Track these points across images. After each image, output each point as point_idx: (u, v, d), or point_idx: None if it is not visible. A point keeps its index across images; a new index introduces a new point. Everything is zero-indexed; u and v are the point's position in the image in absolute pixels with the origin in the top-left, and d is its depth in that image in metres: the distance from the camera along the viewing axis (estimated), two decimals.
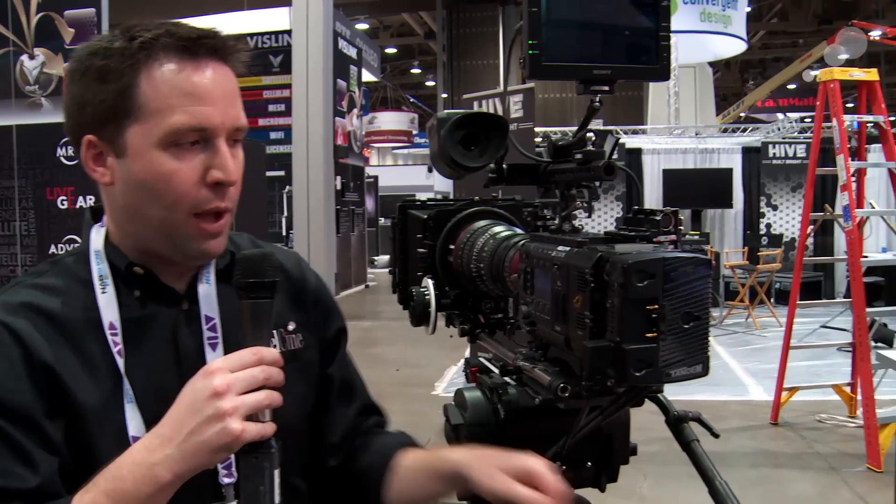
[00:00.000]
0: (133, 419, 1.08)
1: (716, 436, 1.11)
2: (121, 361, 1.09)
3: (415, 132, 27.01)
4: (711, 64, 17.90)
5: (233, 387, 0.95)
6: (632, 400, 0.98)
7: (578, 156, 1.02)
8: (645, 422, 1.26)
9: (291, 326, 1.27)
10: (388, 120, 26.30)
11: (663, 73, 0.99)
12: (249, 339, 1.01)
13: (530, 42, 0.95)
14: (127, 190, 1.10)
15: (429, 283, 1.23)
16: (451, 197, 1.35)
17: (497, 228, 1.19)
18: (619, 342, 0.81)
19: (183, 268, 1.18)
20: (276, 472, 0.98)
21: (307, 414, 1.29)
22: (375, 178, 19.77)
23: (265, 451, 0.97)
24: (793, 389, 5.95)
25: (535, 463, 1.02)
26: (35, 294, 1.11)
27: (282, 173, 12.97)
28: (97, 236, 1.17)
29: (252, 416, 0.96)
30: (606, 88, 0.99)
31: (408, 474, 1.23)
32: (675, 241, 0.97)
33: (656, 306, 0.80)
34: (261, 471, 0.97)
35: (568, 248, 0.91)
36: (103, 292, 1.12)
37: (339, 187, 13.07)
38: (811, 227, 6.15)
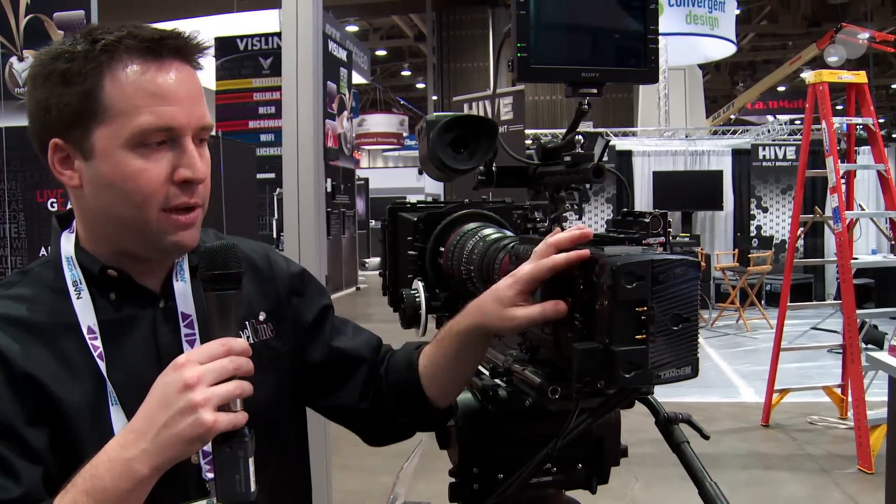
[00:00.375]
0: (118, 420, 1.08)
1: (706, 437, 1.11)
2: (102, 364, 1.09)
3: (405, 134, 26.99)
4: (701, 66, 17.96)
5: (203, 378, 0.96)
6: (622, 402, 0.98)
7: (567, 158, 1.02)
8: (636, 423, 1.26)
9: (262, 316, 1.27)
10: (379, 122, 26.26)
11: (652, 76, 1.00)
12: (217, 330, 1.02)
13: (518, 45, 0.96)
14: (96, 192, 1.10)
15: (419, 285, 1.23)
16: (442, 199, 1.35)
17: (487, 231, 1.19)
18: (609, 344, 0.82)
19: (156, 266, 1.19)
20: (251, 461, 0.99)
21: (283, 401, 1.29)
22: (366, 180, 19.77)
23: (238, 440, 0.99)
24: (784, 391, 5.96)
25: (527, 273, 0.98)
26: (7, 304, 1.11)
27: (272, 175, 12.95)
28: (67, 243, 1.17)
29: (224, 407, 0.97)
30: (595, 91, 0.99)
31: (436, 363, 1.21)
32: (665, 243, 0.97)
33: (645, 308, 0.81)
34: (235, 460, 0.98)
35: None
36: (78, 297, 1.12)
37: (329, 189, 13.07)
38: (801, 229, 6.16)
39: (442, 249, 1.23)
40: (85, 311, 1.11)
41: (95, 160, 1.08)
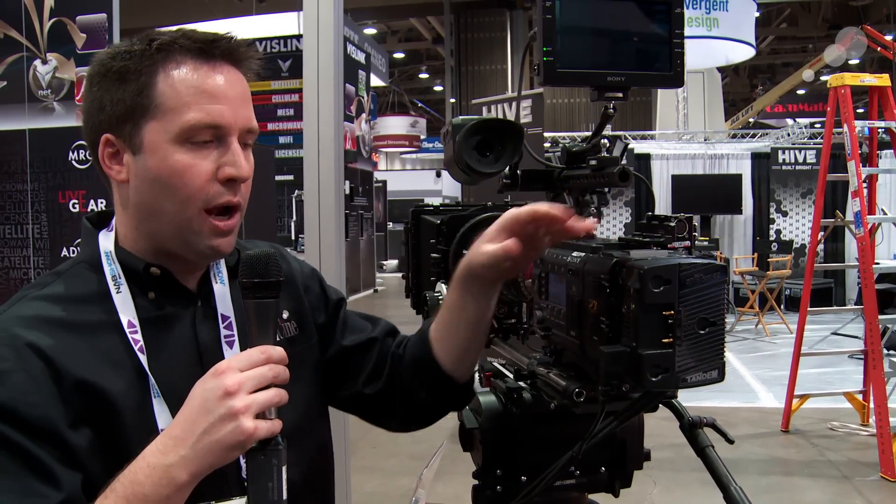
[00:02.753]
0: (161, 414, 1.10)
1: (731, 441, 1.10)
2: (143, 358, 1.10)
3: (423, 137, 27.02)
4: (720, 69, 17.87)
5: (244, 386, 0.97)
6: (647, 405, 0.98)
7: (593, 162, 1.02)
8: (654, 428, 1.26)
9: (285, 315, 1.30)
10: (396, 124, 26.32)
11: (677, 80, 1.00)
12: (255, 337, 1.03)
13: (545, 49, 0.96)
14: (142, 186, 1.13)
15: (442, 287, 1.23)
16: (460, 202, 1.35)
17: None
18: (636, 347, 0.82)
19: (193, 267, 1.21)
20: (284, 469, 1.00)
21: (312, 398, 1.32)
22: (384, 182, 19.79)
23: (273, 448, 0.99)
24: (804, 397, 5.91)
25: (511, 213, 1.05)
26: (44, 305, 1.11)
27: (291, 177, 13.00)
28: (106, 240, 1.19)
29: (260, 414, 0.98)
30: (620, 95, 1.00)
31: (442, 324, 1.23)
32: (689, 247, 0.97)
33: (672, 312, 0.81)
34: (269, 467, 0.99)
35: (583, 254, 0.91)
36: (118, 292, 1.13)
37: (347, 192, 13.10)
38: (822, 233, 6.12)
39: (465, 252, 1.24)
40: (124, 306, 1.13)
41: (144, 154, 1.11)
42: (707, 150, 12.66)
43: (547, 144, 8.25)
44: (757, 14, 14.20)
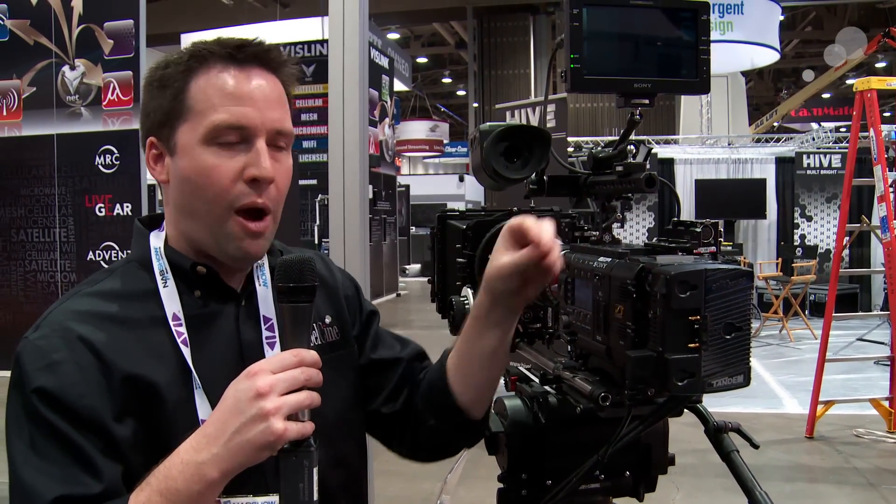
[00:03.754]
0: (202, 406, 1.13)
1: (755, 446, 1.10)
2: (186, 351, 1.14)
3: (445, 141, 27.04)
4: (744, 73, 17.75)
5: (275, 388, 0.99)
6: (672, 409, 0.98)
7: (619, 168, 1.03)
8: (677, 433, 1.25)
9: (328, 319, 1.33)
10: (416, 129, 26.35)
11: (703, 87, 1.00)
12: (289, 341, 1.05)
13: (572, 56, 0.97)
14: (177, 186, 1.19)
15: (468, 292, 1.24)
16: (483, 206, 1.36)
17: None
18: (662, 352, 0.82)
19: (236, 268, 1.24)
20: (315, 470, 1.01)
21: (351, 401, 1.34)
22: (407, 187, 19.83)
23: (305, 449, 1.01)
24: (829, 403, 5.86)
25: (515, 222, 1.07)
26: (95, 301, 1.17)
27: (314, 182, 13.05)
28: (157, 239, 1.24)
29: (292, 416, 1.00)
30: (647, 101, 1.00)
31: (459, 352, 1.25)
32: (715, 252, 0.98)
33: (698, 317, 0.82)
34: (301, 469, 1.01)
35: (609, 259, 0.92)
36: (165, 286, 1.18)
37: (371, 196, 13.13)
38: (847, 238, 6.06)
39: (490, 257, 1.24)
40: (170, 299, 1.17)
41: (177, 156, 1.17)
42: (731, 154, 12.59)
43: (570, 149, 8.23)
44: (782, 17, 14.08)
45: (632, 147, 1.03)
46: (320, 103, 12.56)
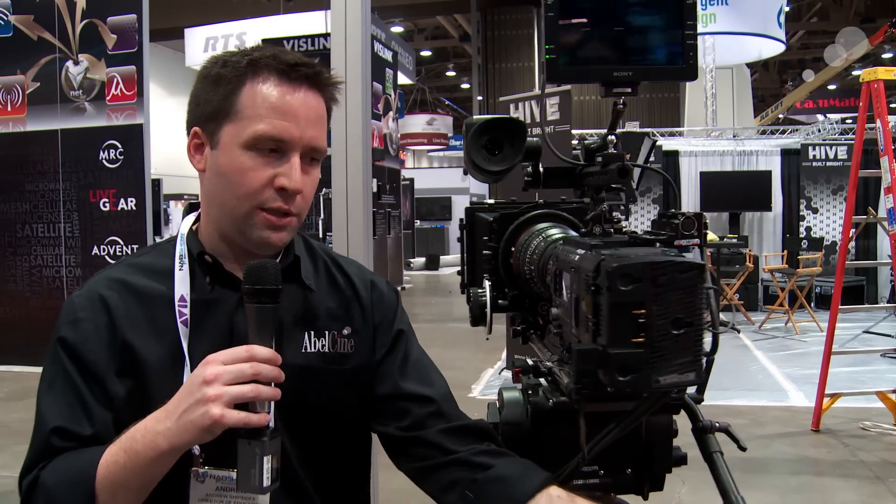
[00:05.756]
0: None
1: (743, 448, 1.07)
2: (184, 331, 1.27)
3: (450, 135, 26.98)
4: (749, 65, 17.68)
5: (220, 377, 1.09)
6: (653, 406, 0.96)
7: (599, 158, 1.01)
8: (684, 426, 1.25)
9: (346, 331, 1.38)
10: (415, 122, 26.28)
11: (690, 73, 0.95)
12: (252, 338, 1.14)
13: (547, 46, 0.94)
14: (212, 177, 1.30)
15: (486, 284, 1.24)
16: (512, 199, 1.35)
17: (552, 231, 1.18)
18: (605, 346, 0.80)
19: (249, 258, 1.27)
20: (267, 459, 1.11)
21: (347, 406, 1.37)
22: (411, 180, 19.81)
23: (257, 438, 1.11)
24: (835, 396, 5.84)
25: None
26: (129, 271, 1.34)
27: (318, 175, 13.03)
28: (186, 224, 1.38)
29: (250, 406, 1.10)
30: (629, 90, 0.96)
31: None
32: (700, 244, 0.96)
33: (643, 311, 0.79)
34: (252, 455, 1.11)
35: (582, 251, 0.90)
36: (180, 269, 1.31)
37: (375, 190, 13.11)
38: (853, 230, 6.03)
39: (513, 249, 1.23)
40: (181, 282, 1.30)
41: (218, 151, 1.28)
42: (736, 146, 12.54)
43: (574, 142, 8.21)
44: (787, 8, 14.01)
45: (612, 137, 1.01)
46: None
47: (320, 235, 13.99)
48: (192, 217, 1.39)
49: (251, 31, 14.15)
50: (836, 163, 12.13)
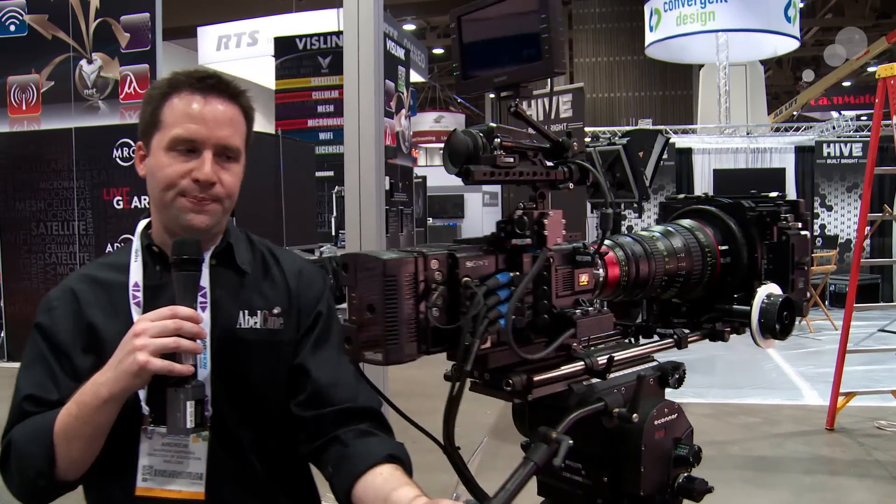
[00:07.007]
0: None
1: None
2: (137, 311, 1.50)
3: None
4: (763, 62, 17.59)
5: (147, 331, 1.32)
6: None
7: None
8: (699, 425, 1.24)
9: (276, 311, 1.58)
10: (426, 120, 26.25)
11: (547, 67, 1.02)
12: (178, 300, 1.37)
13: (454, 64, 1.10)
14: (149, 179, 1.54)
15: None
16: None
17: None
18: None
19: None
20: (190, 403, 1.33)
21: (278, 380, 1.56)
22: (424, 178, 19.80)
23: (181, 385, 1.33)
24: (849, 394, 5.80)
25: None
26: (97, 268, 1.61)
27: (331, 173, 13.05)
28: (141, 224, 1.62)
29: (176, 357, 1.33)
30: (511, 93, 1.05)
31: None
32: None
33: (353, 294, 0.93)
34: (177, 400, 1.33)
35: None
36: (135, 261, 1.55)
37: (387, 187, 13.12)
38: (869, 227, 5.99)
39: None
40: (136, 272, 1.54)
41: (150, 157, 1.54)
42: (750, 143, 12.49)
43: (588, 139, 8.19)
44: (801, 5, 13.93)
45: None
46: (336, 95, 12.54)
47: (333, 233, 14.02)
48: (146, 219, 1.62)
49: (264, 30, 14.18)
50: (850, 160, 12.06)
